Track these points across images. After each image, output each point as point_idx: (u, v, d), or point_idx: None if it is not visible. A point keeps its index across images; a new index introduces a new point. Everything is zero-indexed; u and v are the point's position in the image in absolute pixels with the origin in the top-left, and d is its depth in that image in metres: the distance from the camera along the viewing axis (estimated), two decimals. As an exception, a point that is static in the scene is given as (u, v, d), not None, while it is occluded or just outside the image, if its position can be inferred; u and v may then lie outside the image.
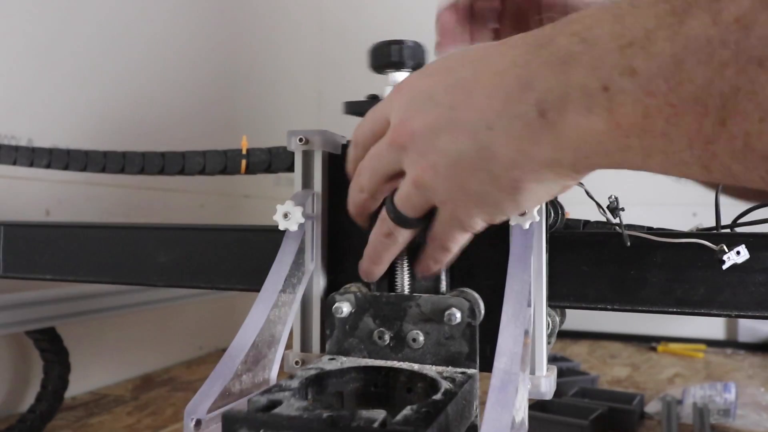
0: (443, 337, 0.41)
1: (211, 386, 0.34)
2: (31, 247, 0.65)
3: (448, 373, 0.39)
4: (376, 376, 0.40)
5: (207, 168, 0.64)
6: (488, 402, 0.32)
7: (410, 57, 0.41)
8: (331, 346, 0.43)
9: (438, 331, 0.41)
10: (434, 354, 0.41)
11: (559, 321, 0.46)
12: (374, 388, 0.40)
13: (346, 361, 0.41)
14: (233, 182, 1.50)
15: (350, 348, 0.43)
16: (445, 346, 0.41)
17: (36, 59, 1.09)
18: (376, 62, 0.42)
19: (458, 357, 0.40)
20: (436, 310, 0.41)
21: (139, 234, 0.61)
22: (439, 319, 0.41)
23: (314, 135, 0.47)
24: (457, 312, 0.40)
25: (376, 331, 0.42)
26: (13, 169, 0.82)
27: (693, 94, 0.23)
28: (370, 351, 0.42)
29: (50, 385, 0.99)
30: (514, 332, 0.36)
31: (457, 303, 0.40)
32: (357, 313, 0.43)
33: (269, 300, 0.40)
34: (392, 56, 0.41)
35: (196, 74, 1.48)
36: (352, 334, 0.43)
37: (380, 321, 0.42)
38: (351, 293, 0.43)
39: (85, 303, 1.08)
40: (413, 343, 0.41)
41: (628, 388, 1.28)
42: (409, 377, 0.40)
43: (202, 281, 0.58)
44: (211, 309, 1.51)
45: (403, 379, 0.40)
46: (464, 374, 0.39)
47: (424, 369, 0.40)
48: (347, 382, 0.40)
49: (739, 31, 0.22)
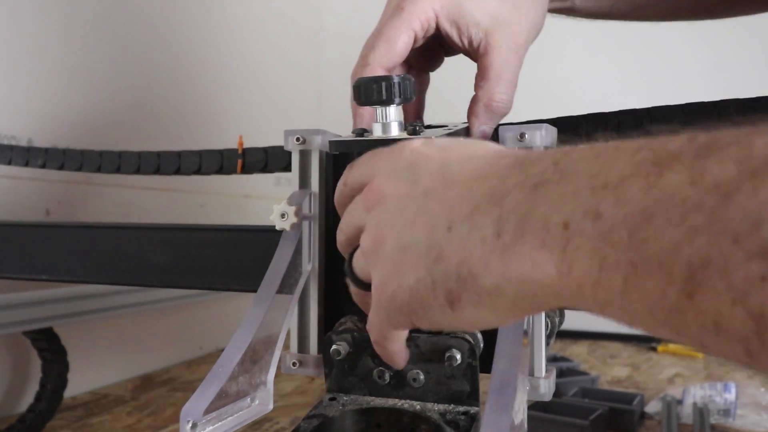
0: (444, 376, 0.41)
1: (208, 388, 0.34)
2: (26, 248, 0.65)
3: (452, 415, 0.39)
4: (378, 415, 0.40)
5: (203, 168, 0.63)
6: (487, 404, 0.32)
7: (397, 93, 0.41)
8: (331, 384, 0.43)
9: (438, 370, 0.41)
10: (435, 392, 0.41)
11: (558, 321, 0.46)
12: (378, 427, 0.41)
13: (348, 401, 0.41)
14: (233, 182, 1.50)
15: (350, 386, 0.42)
16: (446, 384, 0.41)
17: (36, 59, 1.09)
18: (363, 98, 0.41)
19: (460, 395, 0.40)
20: (435, 350, 0.41)
21: (136, 234, 0.61)
22: (439, 359, 0.40)
23: (311, 134, 0.47)
24: (457, 353, 0.40)
25: (376, 370, 0.42)
26: (13, 169, 0.82)
27: (657, 257, 0.21)
28: (370, 389, 0.42)
29: (49, 384, 0.99)
30: (513, 333, 0.36)
31: (457, 344, 0.40)
32: (355, 352, 0.42)
33: (266, 301, 0.40)
34: (379, 93, 0.40)
35: (195, 73, 1.48)
36: (351, 373, 0.43)
37: (379, 360, 0.42)
38: (348, 332, 0.43)
39: (84, 303, 1.08)
40: (413, 382, 0.41)
41: (628, 388, 1.28)
42: (412, 418, 0.40)
43: (199, 282, 0.58)
44: (211, 309, 1.51)
45: (406, 419, 0.40)
46: (467, 415, 0.39)
47: (426, 409, 0.40)
48: (350, 426, 0.40)
49: (717, 197, 0.20)
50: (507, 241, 0.26)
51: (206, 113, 1.52)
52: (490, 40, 0.46)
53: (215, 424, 0.34)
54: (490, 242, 0.26)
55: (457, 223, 0.28)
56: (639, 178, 0.22)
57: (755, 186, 0.19)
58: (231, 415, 0.37)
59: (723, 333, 0.20)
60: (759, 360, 0.20)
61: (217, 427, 0.35)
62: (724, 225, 0.19)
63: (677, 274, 0.20)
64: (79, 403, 1.12)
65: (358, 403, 0.41)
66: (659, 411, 1.10)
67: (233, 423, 0.37)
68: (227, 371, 0.36)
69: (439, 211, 0.29)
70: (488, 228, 0.26)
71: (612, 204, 0.22)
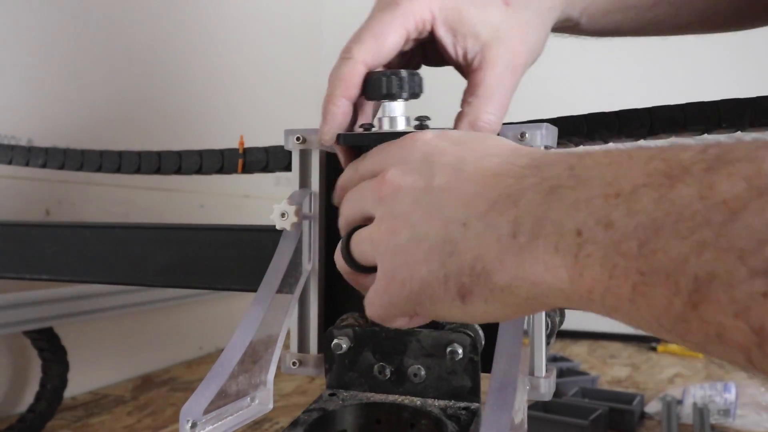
0: (445, 371, 0.41)
1: (207, 387, 0.34)
2: (26, 248, 0.65)
3: (452, 410, 0.39)
4: (378, 410, 0.40)
5: (204, 167, 0.63)
6: (487, 404, 0.32)
7: (406, 88, 0.41)
8: (331, 380, 0.43)
9: (439, 365, 0.41)
10: (436, 388, 0.41)
11: (558, 321, 0.46)
12: (377, 423, 0.41)
13: (347, 396, 0.41)
14: (233, 182, 1.50)
15: (350, 382, 0.42)
16: (447, 380, 0.40)
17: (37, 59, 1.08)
18: (371, 93, 0.41)
19: (461, 391, 0.40)
20: (437, 345, 0.41)
21: (136, 234, 0.61)
22: (440, 354, 0.40)
23: (312, 134, 0.47)
24: (459, 348, 0.40)
25: (377, 365, 0.42)
26: (13, 168, 0.82)
27: (665, 268, 0.22)
28: (370, 385, 0.42)
29: (49, 384, 0.99)
30: (513, 333, 0.36)
31: (459, 339, 0.40)
32: (356, 347, 0.42)
33: (266, 300, 0.40)
34: (387, 88, 0.40)
35: (196, 73, 1.48)
36: (351, 368, 0.42)
37: (380, 356, 0.42)
38: (349, 327, 0.43)
39: (84, 303, 1.08)
40: (414, 377, 0.41)
41: (628, 388, 1.27)
42: (412, 413, 0.40)
43: (198, 282, 0.58)
44: (211, 309, 1.51)
45: (407, 415, 0.40)
46: (468, 410, 0.39)
47: (427, 405, 0.40)
48: (350, 420, 0.40)
49: (725, 213, 0.20)
50: (522, 242, 0.26)
51: (207, 113, 1.52)
52: (486, 54, 0.42)
53: (215, 423, 0.34)
54: (506, 242, 0.27)
55: (473, 219, 0.29)
56: (651, 189, 0.23)
57: (762, 205, 0.20)
58: (231, 415, 0.37)
59: (725, 343, 0.21)
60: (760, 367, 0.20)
61: (216, 426, 0.35)
62: (730, 241, 0.20)
63: (684, 285, 0.21)
64: (79, 403, 1.12)
65: (358, 399, 0.41)
66: (659, 411, 1.09)
67: (233, 423, 0.37)
68: (227, 371, 0.36)
69: (454, 207, 0.30)
70: (504, 228, 0.27)
71: (624, 214, 0.23)
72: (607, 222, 0.23)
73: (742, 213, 0.20)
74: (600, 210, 0.24)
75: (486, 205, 0.28)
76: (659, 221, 0.22)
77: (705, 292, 0.21)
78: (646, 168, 0.24)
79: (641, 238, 0.22)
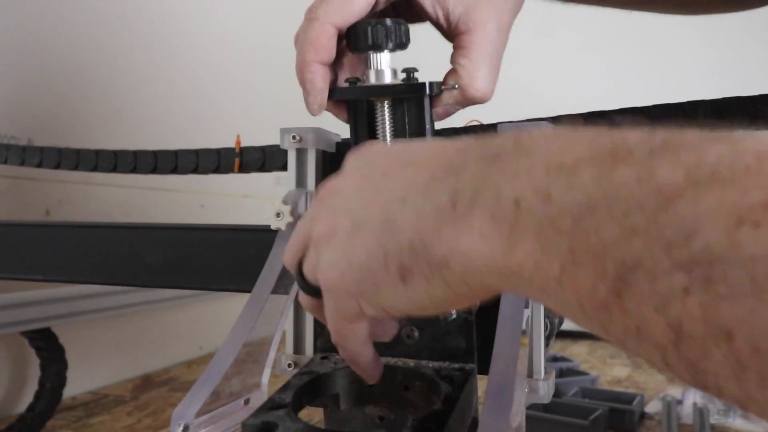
0: (439, 332, 0.40)
1: (200, 390, 0.34)
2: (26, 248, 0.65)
3: (446, 371, 0.38)
4: None
5: (200, 167, 0.63)
6: (484, 407, 0.31)
7: (392, 38, 0.39)
8: (323, 343, 0.42)
9: (433, 326, 0.40)
10: (430, 349, 0.40)
11: (558, 322, 0.45)
12: (370, 386, 0.40)
13: (340, 359, 0.40)
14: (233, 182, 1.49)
15: None
16: (441, 341, 0.40)
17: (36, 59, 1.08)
18: (355, 44, 0.40)
19: (455, 352, 0.40)
20: None
21: (135, 234, 0.60)
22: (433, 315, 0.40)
23: (308, 132, 0.47)
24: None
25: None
26: (13, 168, 0.82)
27: (594, 248, 0.20)
28: None
29: (48, 383, 0.99)
30: (511, 334, 0.35)
31: None
32: None
33: (260, 301, 0.39)
34: (371, 38, 0.39)
35: (192, 72, 1.48)
36: None
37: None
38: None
39: (83, 303, 1.08)
40: (408, 339, 0.41)
41: (628, 388, 1.27)
42: (405, 375, 0.39)
43: (198, 282, 0.58)
44: (211, 309, 1.51)
45: (400, 377, 0.39)
46: (462, 371, 0.38)
47: (420, 366, 0.39)
48: (342, 384, 0.39)
49: (659, 200, 0.19)
50: (461, 211, 0.25)
51: (204, 112, 1.51)
52: (473, 15, 0.41)
53: (208, 426, 0.34)
54: (445, 212, 0.25)
55: (412, 194, 0.27)
56: (592, 166, 0.22)
57: (697, 196, 0.19)
58: (224, 418, 0.36)
59: (644, 338, 0.20)
60: (675, 370, 0.20)
61: (209, 429, 0.35)
62: (660, 230, 0.19)
63: (610, 270, 0.20)
64: (78, 403, 1.12)
65: None
66: (659, 411, 1.09)
67: (226, 425, 0.36)
68: (220, 373, 0.35)
69: (394, 188, 0.28)
70: (443, 198, 0.26)
71: (563, 188, 0.22)
72: (545, 194, 0.22)
73: (676, 202, 0.19)
74: (539, 181, 0.23)
75: (426, 179, 0.27)
76: (595, 199, 0.21)
77: (629, 279, 0.19)
78: (592, 144, 0.23)
79: (576, 215, 0.21)
